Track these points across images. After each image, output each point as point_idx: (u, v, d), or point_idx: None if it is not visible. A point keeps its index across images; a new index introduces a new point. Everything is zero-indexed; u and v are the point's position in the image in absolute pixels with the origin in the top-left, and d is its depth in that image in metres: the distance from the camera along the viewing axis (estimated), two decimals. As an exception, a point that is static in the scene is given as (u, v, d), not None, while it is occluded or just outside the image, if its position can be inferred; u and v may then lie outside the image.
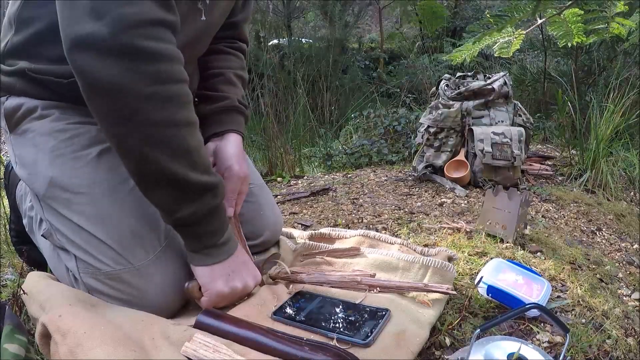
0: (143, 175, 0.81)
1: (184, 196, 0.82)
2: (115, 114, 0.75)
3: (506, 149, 1.85)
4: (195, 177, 0.81)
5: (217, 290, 0.89)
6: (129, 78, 0.73)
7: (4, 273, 1.21)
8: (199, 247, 0.88)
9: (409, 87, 4.31)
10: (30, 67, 0.92)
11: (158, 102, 0.75)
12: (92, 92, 0.75)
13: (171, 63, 0.77)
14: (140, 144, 0.77)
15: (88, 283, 0.88)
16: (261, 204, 1.17)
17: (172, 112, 0.77)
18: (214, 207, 0.86)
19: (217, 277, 0.89)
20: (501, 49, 1.32)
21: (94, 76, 0.72)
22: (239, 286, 0.91)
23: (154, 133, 0.76)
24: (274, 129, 2.48)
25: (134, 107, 0.74)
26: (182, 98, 0.79)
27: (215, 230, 0.88)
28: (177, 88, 0.78)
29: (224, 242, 0.90)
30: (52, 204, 0.91)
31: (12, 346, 0.71)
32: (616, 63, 3.05)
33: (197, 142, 0.82)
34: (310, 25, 6.84)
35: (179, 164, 0.79)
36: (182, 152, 0.79)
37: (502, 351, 0.74)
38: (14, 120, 0.96)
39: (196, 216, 0.84)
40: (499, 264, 1.04)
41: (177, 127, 0.78)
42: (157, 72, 0.75)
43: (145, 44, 0.73)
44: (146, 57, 0.73)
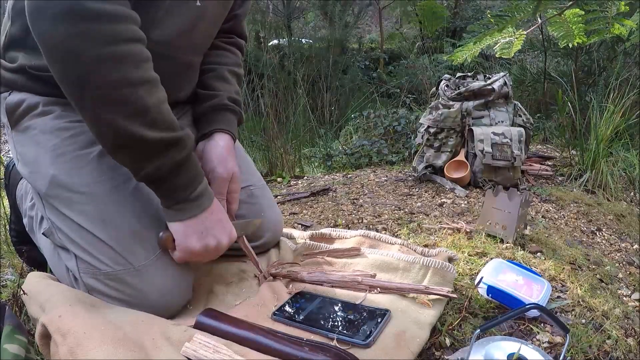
0: (103, 137, 0.81)
1: (145, 154, 0.82)
2: (69, 77, 0.77)
3: (506, 149, 1.85)
4: (153, 134, 0.80)
5: (190, 246, 0.88)
6: (80, 41, 0.74)
7: (4, 273, 1.21)
8: (171, 203, 0.87)
9: (409, 88, 4.31)
10: (30, 64, 0.92)
11: (111, 62, 0.76)
12: (49, 57, 0.76)
13: (122, 23, 0.77)
14: (96, 105, 0.78)
15: (88, 283, 0.88)
16: (262, 205, 1.16)
17: (126, 72, 0.77)
18: (179, 162, 0.85)
19: (190, 233, 0.88)
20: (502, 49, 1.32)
21: (49, 41, 0.74)
22: (212, 244, 0.90)
23: (108, 94, 0.77)
24: (274, 129, 2.48)
25: (87, 70, 0.75)
26: (136, 57, 0.79)
27: (186, 184, 0.87)
28: (129, 47, 0.78)
29: (197, 196, 0.88)
30: (54, 203, 0.91)
31: (12, 346, 0.71)
32: (616, 63, 3.04)
33: (156, 99, 0.82)
34: (310, 26, 6.83)
35: (135, 124, 0.79)
36: (139, 111, 0.79)
37: (502, 351, 0.74)
38: (16, 116, 0.96)
39: (162, 172, 0.84)
40: (499, 265, 1.04)
41: (132, 86, 0.78)
42: (107, 32, 0.75)
43: (92, 4, 0.73)
44: (94, 18, 0.74)
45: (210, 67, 1.12)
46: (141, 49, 0.81)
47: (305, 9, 6.47)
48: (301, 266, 1.10)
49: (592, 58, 3.29)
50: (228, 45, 1.17)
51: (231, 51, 1.17)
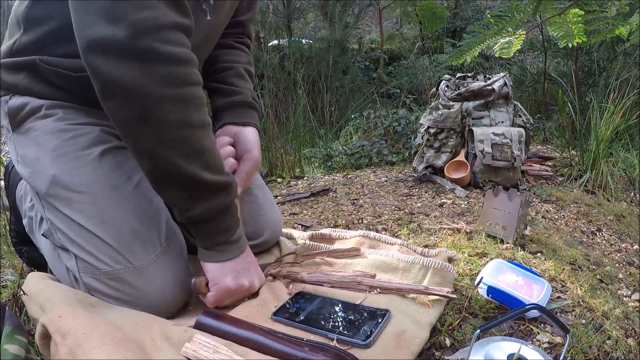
0: (157, 175, 0.82)
1: (197, 195, 0.84)
2: (131, 115, 0.77)
3: (506, 149, 1.85)
4: (208, 176, 0.83)
5: (226, 285, 0.90)
6: (145, 81, 0.74)
7: (4, 274, 1.21)
8: (211, 244, 0.90)
9: (409, 88, 4.31)
10: (41, 58, 0.93)
11: (173, 104, 0.77)
12: (108, 93, 0.76)
13: (187, 66, 0.79)
14: (155, 144, 0.78)
15: (88, 283, 0.88)
16: (261, 204, 1.17)
17: (187, 114, 0.79)
18: (226, 206, 0.88)
19: (227, 273, 0.90)
20: (502, 49, 1.32)
21: (111, 78, 0.74)
22: (246, 284, 0.92)
23: (168, 134, 0.78)
24: (274, 129, 2.48)
25: (150, 109, 0.76)
26: (197, 100, 0.81)
27: (228, 228, 0.90)
28: (193, 90, 0.80)
29: (236, 239, 0.91)
30: (54, 203, 0.91)
31: (12, 347, 0.71)
32: (616, 64, 3.05)
33: (211, 142, 0.84)
34: (310, 26, 6.83)
35: (192, 165, 0.81)
36: (196, 153, 0.81)
37: (502, 352, 0.74)
38: (18, 119, 0.97)
39: (209, 214, 0.86)
40: (499, 265, 1.03)
41: (191, 128, 0.80)
42: (174, 74, 0.76)
43: (162, 48, 0.74)
44: (163, 60, 0.75)
45: (228, 65, 1.14)
46: (201, 92, 0.83)
47: (306, 10, 6.47)
48: (301, 266, 1.10)
49: (592, 58, 3.30)
50: (240, 45, 1.20)
51: (243, 50, 1.20)
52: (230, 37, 1.17)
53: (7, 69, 0.96)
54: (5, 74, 0.96)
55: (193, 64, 0.80)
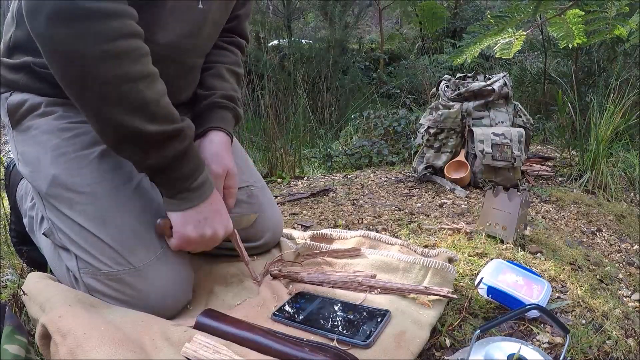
0: (105, 133, 0.83)
1: (147, 147, 0.83)
2: (70, 75, 0.77)
3: (506, 149, 1.85)
4: (154, 128, 0.82)
5: (186, 234, 0.90)
6: (76, 40, 0.74)
7: (4, 274, 1.21)
8: (172, 193, 0.89)
9: (409, 88, 4.31)
10: (35, 61, 0.93)
11: (109, 60, 0.76)
12: (47, 57, 0.77)
13: (119, 19, 0.78)
14: (97, 102, 0.79)
15: (88, 283, 0.88)
16: (262, 205, 1.16)
17: (125, 68, 0.78)
18: (181, 152, 0.86)
19: (188, 222, 0.89)
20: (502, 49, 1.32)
21: (45, 41, 0.75)
22: (208, 233, 0.91)
23: (108, 91, 0.78)
24: (274, 129, 2.48)
25: (86, 68, 0.76)
26: (134, 52, 0.80)
27: (187, 175, 0.88)
28: (128, 43, 0.79)
29: (197, 186, 0.89)
30: (54, 203, 0.91)
31: (12, 347, 0.70)
32: (616, 64, 3.05)
33: (155, 93, 0.83)
34: (310, 26, 6.83)
35: (136, 118, 0.80)
36: (139, 106, 0.80)
37: (502, 352, 0.74)
38: (17, 116, 0.96)
39: (164, 163, 0.85)
40: (499, 265, 1.03)
41: (131, 82, 0.79)
42: (105, 29, 0.76)
43: (87, 4, 0.74)
44: (92, 15, 0.74)
45: (208, 65, 1.12)
46: (138, 43, 0.81)
47: (306, 10, 6.47)
48: (301, 267, 1.10)
49: (592, 59, 3.30)
50: (228, 45, 1.17)
51: (230, 50, 1.17)
52: (219, 37, 1.14)
53: (7, 67, 0.96)
54: (5, 71, 0.96)
55: (126, 16, 0.79)
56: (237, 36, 1.20)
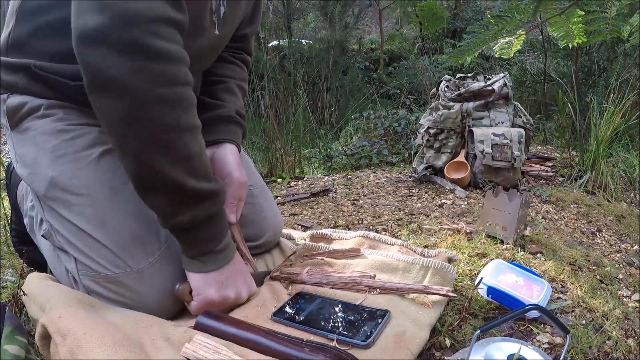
0: (141, 178, 0.79)
1: (181, 202, 0.81)
2: (117, 113, 0.73)
3: (506, 150, 1.85)
4: (194, 183, 0.79)
5: (208, 297, 0.87)
6: (135, 77, 0.71)
7: (4, 274, 1.21)
8: (196, 253, 0.86)
9: (409, 89, 4.31)
10: (35, 64, 0.91)
11: (163, 105, 0.73)
12: (95, 88, 0.73)
13: (179, 64, 0.75)
14: (141, 146, 0.75)
15: (87, 285, 0.88)
16: (262, 206, 1.17)
17: (176, 116, 0.75)
18: (212, 214, 0.84)
19: (210, 284, 0.87)
20: (502, 49, 1.32)
21: (99, 72, 0.70)
22: (231, 296, 0.89)
23: (155, 136, 0.75)
24: (274, 130, 2.48)
25: (138, 108, 0.72)
26: (187, 102, 0.77)
27: (213, 237, 0.86)
28: (183, 91, 0.76)
29: (222, 249, 0.88)
30: (52, 205, 0.90)
31: (12, 347, 0.71)
32: (616, 64, 3.05)
33: (199, 147, 0.80)
34: (310, 27, 6.84)
35: (178, 170, 0.77)
36: (183, 158, 0.78)
37: (502, 352, 0.74)
38: (16, 118, 0.96)
39: (194, 222, 0.83)
40: (499, 265, 1.03)
41: (180, 131, 0.76)
42: (165, 73, 0.73)
43: (154, 43, 0.71)
44: (155, 56, 0.71)
45: (220, 79, 1.12)
46: (192, 93, 0.79)
47: (306, 10, 6.47)
48: (301, 267, 1.10)
49: (592, 59, 3.29)
50: (237, 60, 1.18)
51: (239, 66, 1.18)
52: (228, 51, 1.15)
53: (5, 67, 0.95)
54: (3, 73, 0.96)
55: (184, 62, 0.77)
56: (244, 52, 1.21)
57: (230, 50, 1.15)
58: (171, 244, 0.92)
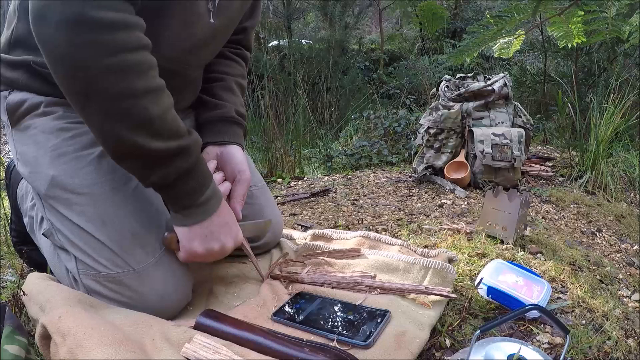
0: (109, 147, 0.80)
1: (151, 163, 0.81)
2: (73, 87, 0.75)
3: (506, 150, 1.85)
4: (159, 145, 0.79)
5: (193, 249, 0.89)
6: (82, 50, 0.72)
7: (4, 274, 1.21)
8: (178, 207, 0.87)
9: (409, 89, 4.31)
10: (35, 60, 0.91)
11: (114, 73, 0.74)
12: (51, 64, 0.74)
13: (127, 31, 0.75)
14: (100, 116, 0.76)
15: (87, 284, 0.88)
16: (262, 206, 1.17)
17: (130, 83, 0.75)
18: (186, 169, 0.84)
19: (195, 237, 0.88)
20: (501, 49, 1.32)
21: (50, 47, 0.72)
22: (215, 247, 0.90)
23: (112, 105, 0.75)
24: (274, 130, 2.49)
25: (90, 80, 0.73)
26: (140, 66, 0.77)
27: (193, 190, 0.86)
28: (135, 56, 0.76)
29: (204, 201, 0.88)
30: (53, 204, 0.91)
31: (12, 347, 0.71)
32: (616, 64, 3.05)
33: (161, 108, 0.80)
34: (310, 27, 6.84)
35: (139, 135, 0.78)
36: (143, 122, 0.78)
37: (502, 352, 0.74)
38: (17, 115, 0.96)
39: (169, 179, 0.83)
40: (499, 265, 1.03)
41: (136, 97, 0.76)
42: (112, 41, 0.73)
43: (96, 13, 0.71)
44: (98, 27, 0.72)
45: (218, 76, 1.11)
46: (145, 56, 0.79)
47: (306, 10, 6.47)
48: (301, 267, 1.10)
49: (592, 59, 3.29)
50: (235, 56, 1.17)
51: (238, 62, 1.17)
52: (227, 48, 1.14)
53: (6, 64, 0.96)
54: (4, 69, 0.96)
55: (134, 27, 0.76)
56: (243, 48, 1.20)
57: (229, 45, 1.14)
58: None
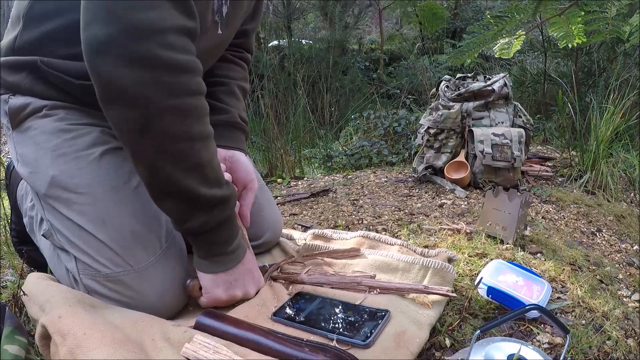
0: (155, 186, 0.81)
1: (194, 208, 0.82)
2: (129, 124, 0.74)
3: (506, 150, 1.85)
4: (206, 191, 0.81)
5: (216, 296, 0.90)
6: (145, 88, 0.71)
7: (4, 274, 1.21)
8: (207, 255, 0.88)
9: (409, 89, 4.31)
10: (42, 60, 0.91)
11: (175, 115, 0.74)
12: (107, 98, 0.73)
13: (191, 75, 0.76)
14: (154, 155, 0.76)
15: (87, 284, 0.88)
16: (262, 205, 1.17)
17: (188, 126, 0.76)
18: (224, 219, 0.86)
19: (219, 284, 0.89)
20: (502, 49, 1.32)
21: (110, 82, 0.71)
22: (238, 294, 0.92)
23: (168, 146, 0.76)
24: (274, 130, 2.49)
25: (150, 119, 0.73)
26: (199, 111, 0.78)
27: (224, 240, 0.88)
28: (195, 101, 0.77)
29: (232, 250, 0.90)
30: (53, 204, 0.91)
31: (12, 347, 0.70)
32: (616, 64, 3.04)
33: (210, 155, 0.82)
34: (310, 27, 6.84)
35: (190, 178, 0.79)
36: (195, 166, 0.79)
37: (502, 352, 0.74)
38: (19, 118, 0.96)
39: (206, 227, 0.84)
40: (499, 265, 1.03)
41: (192, 140, 0.77)
42: (176, 84, 0.73)
43: (164, 54, 0.71)
44: (165, 67, 0.72)
45: (221, 80, 1.11)
46: (204, 102, 0.80)
47: (306, 10, 6.47)
48: (301, 267, 1.10)
49: (592, 59, 3.29)
50: (237, 59, 1.17)
51: (240, 65, 1.17)
52: (229, 51, 1.14)
53: (8, 67, 0.95)
54: (6, 73, 0.95)
55: (197, 72, 0.77)
56: (244, 50, 1.20)
57: (231, 48, 1.14)
58: (172, 243, 0.93)
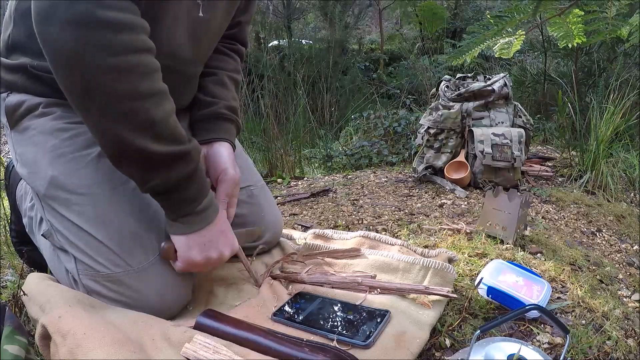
0: (108, 148, 0.80)
1: (151, 167, 0.81)
2: (75, 86, 0.75)
3: (506, 150, 1.85)
4: (160, 148, 0.79)
5: (191, 258, 0.88)
6: (86, 49, 0.71)
7: (4, 274, 1.21)
8: (176, 216, 0.87)
9: (409, 89, 4.31)
10: (32, 64, 0.91)
11: (117, 74, 0.74)
12: (54, 63, 0.74)
13: (132, 32, 0.75)
14: (102, 116, 0.76)
15: (87, 285, 0.88)
16: (262, 205, 1.16)
17: (133, 84, 0.75)
18: (186, 175, 0.84)
19: (193, 246, 0.88)
20: (502, 49, 1.32)
21: (54, 47, 0.72)
22: (213, 256, 0.90)
23: (114, 106, 0.75)
24: (274, 130, 2.49)
25: (93, 80, 0.73)
26: (144, 68, 0.77)
27: (192, 198, 0.86)
28: (139, 58, 0.76)
29: (202, 209, 0.88)
30: (52, 204, 0.91)
31: (12, 347, 0.70)
32: (616, 64, 3.04)
33: (163, 112, 0.80)
34: (310, 27, 6.84)
35: (140, 137, 0.77)
36: (145, 124, 0.77)
37: (502, 352, 0.74)
38: (15, 117, 0.96)
39: (168, 185, 0.83)
40: (499, 265, 1.03)
41: (138, 99, 0.76)
42: (117, 42, 0.73)
43: (103, 13, 0.71)
44: (105, 26, 0.72)
45: (210, 70, 1.11)
46: (150, 59, 0.79)
47: (306, 10, 6.47)
48: (301, 267, 1.10)
49: (592, 59, 3.29)
50: (229, 51, 1.16)
51: (231, 57, 1.17)
52: (221, 43, 1.14)
53: (5, 68, 0.96)
54: (3, 72, 0.96)
55: (139, 29, 0.76)
56: (237, 43, 1.19)
57: (223, 40, 1.14)
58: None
